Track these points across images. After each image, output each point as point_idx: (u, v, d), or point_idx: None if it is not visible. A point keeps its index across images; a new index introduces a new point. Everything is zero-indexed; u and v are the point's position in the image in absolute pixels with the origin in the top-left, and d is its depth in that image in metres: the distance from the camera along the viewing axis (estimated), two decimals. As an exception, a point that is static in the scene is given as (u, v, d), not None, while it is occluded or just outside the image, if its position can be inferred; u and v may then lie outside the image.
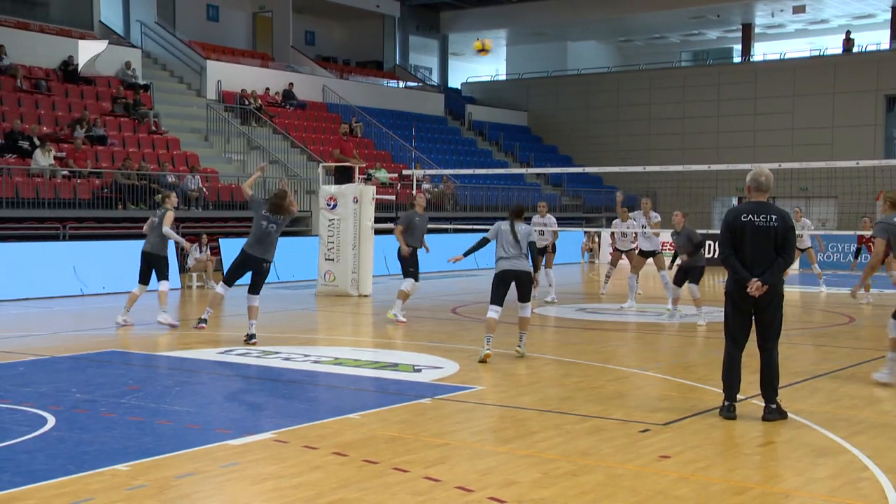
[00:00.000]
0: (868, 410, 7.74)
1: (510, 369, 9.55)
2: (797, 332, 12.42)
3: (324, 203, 17.83)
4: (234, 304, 15.71)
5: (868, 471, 5.89)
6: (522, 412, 7.57)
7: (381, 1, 36.80)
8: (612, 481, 5.62)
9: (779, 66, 35.69)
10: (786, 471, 5.98)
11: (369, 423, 7.04)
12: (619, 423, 7.10)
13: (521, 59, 42.71)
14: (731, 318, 7.33)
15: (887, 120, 33.44)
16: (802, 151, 31.80)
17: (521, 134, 39.52)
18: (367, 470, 5.80)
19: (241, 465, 5.92)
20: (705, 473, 5.83)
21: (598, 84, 38.87)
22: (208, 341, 11.49)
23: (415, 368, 9.57)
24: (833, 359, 10.34)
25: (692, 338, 12.26)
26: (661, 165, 19.46)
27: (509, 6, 38.29)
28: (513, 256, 10.00)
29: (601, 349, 11.25)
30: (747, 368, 7.38)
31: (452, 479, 5.61)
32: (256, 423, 7.08)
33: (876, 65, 33.29)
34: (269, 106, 29.12)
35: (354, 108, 31.62)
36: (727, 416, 7.23)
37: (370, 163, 26.62)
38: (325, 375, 9.20)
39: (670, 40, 42.02)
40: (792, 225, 7.28)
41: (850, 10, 35.91)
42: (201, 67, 28.51)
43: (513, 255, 10.01)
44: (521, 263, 10.02)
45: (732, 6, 35.56)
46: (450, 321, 13.77)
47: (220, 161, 25.48)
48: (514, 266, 10.00)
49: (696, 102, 36.27)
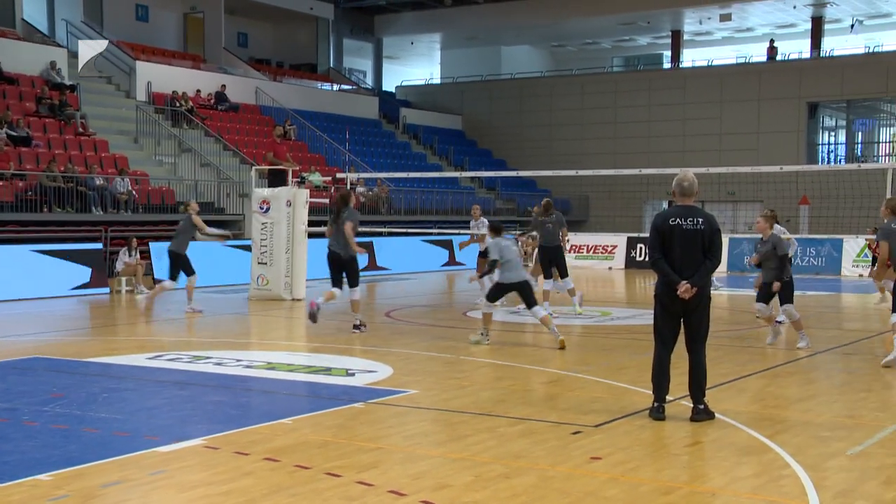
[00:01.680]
0: (791, 410, 7.94)
1: (444, 373, 9.57)
2: (725, 333, 12.68)
3: (257, 206, 17.65)
4: (166, 309, 15.44)
5: (790, 468, 6.04)
6: (456, 415, 7.59)
7: (314, 3, 36.59)
8: (544, 483, 5.67)
9: (707, 73, 36.46)
10: (712, 470, 6.10)
11: (301, 428, 6.99)
12: (551, 426, 7.16)
13: (455, 63, 42.88)
14: (661, 320, 7.45)
15: (809, 126, 34.39)
16: (730, 156, 32.50)
17: (456, 137, 39.66)
18: (299, 475, 5.76)
19: (169, 472, 5.82)
20: (635, 474, 5.91)
21: (532, 88, 39.22)
22: (137, 347, 11.27)
23: (348, 372, 9.52)
24: (759, 359, 10.58)
25: (623, 340, 12.44)
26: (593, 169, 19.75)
27: (443, 10, 38.41)
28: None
29: (534, 352, 11.34)
30: (676, 370, 7.52)
31: (385, 484, 5.60)
32: (186, 430, 6.96)
33: (798, 73, 34.23)
34: (201, 108, 28.72)
35: (288, 110, 31.37)
36: (657, 416, 7.35)
37: (304, 166, 26.43)
38: (258, 380, 9.11)
39: (602, 46, 42.60)
40: (718, 228, 7.44)
41: (774, 20, 36.87)
42: (130, 68, 28.00)
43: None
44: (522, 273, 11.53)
45: (662, 13, 36.21)
46: (384, 325, 13.74)
47: (150, 164, 25.05)
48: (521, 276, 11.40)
49: (627, 107, 36.83)
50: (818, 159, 35.07)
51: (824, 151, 36.02)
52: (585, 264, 27.96)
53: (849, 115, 35.70)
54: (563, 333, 11.39)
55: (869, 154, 35.64)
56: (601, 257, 27.84)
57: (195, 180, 24.56)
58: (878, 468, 6.08)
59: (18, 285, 16.83)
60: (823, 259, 25.05)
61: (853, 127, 36.15)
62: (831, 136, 36.53)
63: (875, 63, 33.21)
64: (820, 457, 6.33)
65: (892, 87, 32.72)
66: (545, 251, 14.83)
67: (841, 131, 36.44)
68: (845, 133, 36.19)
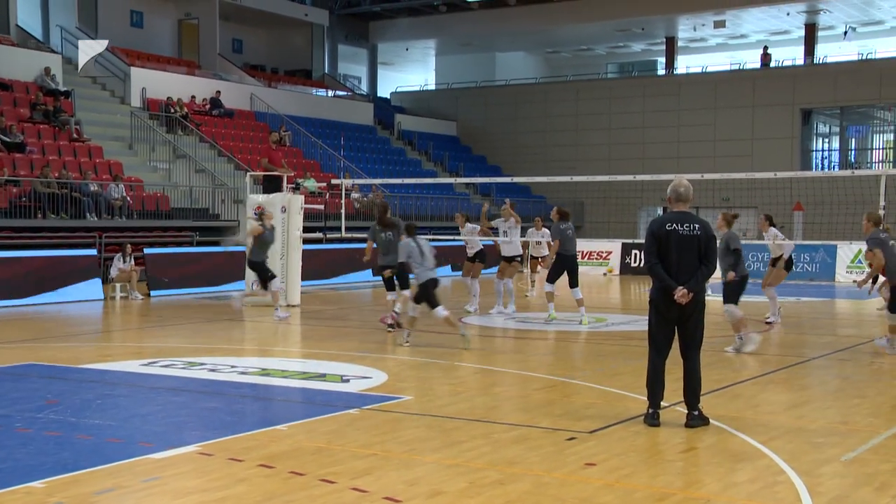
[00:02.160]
0: (785, 416, 7.95)
1: (438, 379, 9.57)
2: (719, 339, 12.70)
3: (252, 213, 17.63)
4: (165, 317, 15.42)
5: (784, 474, 6.05)
6: (450, 421, 7.59)
7: (309, 10, 36.63)
8: (539, 490, 5.67)
9: (701, 79, 36.56)
10: (706, 476, 6.11)
11: (296, 435, 6.98)
12: (545, 432, 7.16)
13: (450, 70, 42.94)
14: (656, 326, 7.45)
15: (803, 133, 34.49)
16: (724, 163, 32.60)
17: (451, 144, 39.69)
18: (294, 482, 5.75)
19: (163, 479, 5.80)
20: (629, 480, 5.92)
21: (526, 95, 39.28)
22: (132, 353, 11.25)
23: (343, 379, 9.52)
24: (753, 366, 10.59)
25: (617, 346, 12.44)
26: (588, 175, 19.76)
27: (438, 16, 38.46)
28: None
29: (528, 358, 11.34)
30: (670, 376, 7.52)
31: (380, 490, 5.59)
32: (180, 436, 6.95)
33: (792, 79, 34.34)
34: (196, 114, 28.71)
35: (283, 116, 31.37)
36: (652, 423, 7.35)
37: (299, 172, 26.41)
38: (252, 387, 9.09)
39: (597, 52, 42.70)
40: (713, 234, 7.46)
41: (768, 27, 37.00)
42: (125, 74, 27.99)
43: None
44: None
45: (656, 20, 36.31)
46: (379, 331, 13.73)
47: (144, 170, 25.02)
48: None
49: (621, 114, 36.90)
50: (812, 166, 35.17)
51: (818, 158, 36.14)
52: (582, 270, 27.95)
53: (842, 121, 35.82)
54: (558, 338, 11.39)
55: (862, 160, 35.76)
56: (596, 263, 27.87)
57: (190, 186, 24.55)
58: (872, 474, 6.09)
59: (12, 291, 16.79)
60: (817, 265, 25.10)
61: (847, 133, 36.27)
62: (825, 143, 36.65)
63: (868, 70, 33.32)
64: (814, 463, 6.34)
65: (885, 93, 32.83)
66: (565, 259, 14.44)
67: (835, 138, 36.55)
68: (839, 139, 36.31)
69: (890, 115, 34.94)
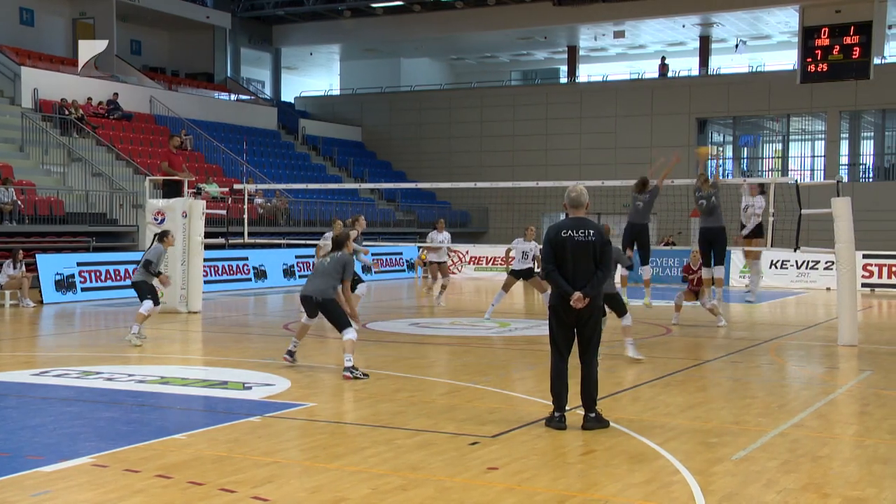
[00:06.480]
0: (681, 417, 8.18)
1: (342, 385, 9.51)
2: (619, 343, 12.97)
3: (151, 218, 17.24)
4: (48, 324, 14.92)
5: (679, 474, 6.23)
6: (354, 428, 7.56)
7: (210, 12, 35.99)
8: (442, 494, 5.70)
9: (602, 88, 37.31)
10: (605, 478, 6.24)
11: (195, 444, 6.85)
12: (449, 437, 7.20)
13: (355, 75, 42.78)
14: (556, 330, 7.58)
15: (699, 141, 35.54)
16: (625, 170, 33.26)
17: (356, 149, 39.55)
18: (192, 492, 5.64)
19: (54, 492, 5.62)
20: (531, 483, 6.00)
21: (431, 101, 39.43)
22: (22, 363, 10.85)
23: (245, 386, 9.38)
24: (652, 368, 10.86)
25: (521, 351, 12.60)
26: (491, 182, 19.93)
27: (343, 21, 38.29)
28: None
29: (433, 363, 11.38)
30: (573, 379, 7.65)
31: (281, 498, 5.54)
32: (73, 448, 6.74)
33: (688, 89, 35.37)
34: (92, 116, 27.89)
35: (184, 120, 30.74)
36: (558, 426, 7.46)
37: (200, 177, 25.92)
38: (150, 395, 8.88)
39: (501, 60, 43.16)
40: (608, 240, 7.63)
41: (665, 38, 38.05)
42: (15, 74, 26.99)
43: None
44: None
45: (558, 29, 36.91)
46: (282, 337, 13.57)
47: (37, 173, 24.16)
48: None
49: (525, 121, 37.37)
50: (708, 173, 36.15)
51: (713, 165, 37.21)
52: (486, 276, 28.27)
53: (735, 130, 37.05)
54: (463, 343, 11.45)
55: (754, 169, 37.02)
56: (500, 269, 28.13)
57: (86, 191, 23.82)
58: (760, 472, 6.33)
59: None
60: (712, 270, 25.80)
61: (739, 142, 37.53)
62: (720, 151, 37.81)
63: (758, 81, 34.58)
64: (707, 462, 6.55)
65: (773, 104, 34.12)
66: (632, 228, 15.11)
67: (728, 146, 37.78)
68: (731, 148, 37.55)
69: (778, 125, 36.33)
